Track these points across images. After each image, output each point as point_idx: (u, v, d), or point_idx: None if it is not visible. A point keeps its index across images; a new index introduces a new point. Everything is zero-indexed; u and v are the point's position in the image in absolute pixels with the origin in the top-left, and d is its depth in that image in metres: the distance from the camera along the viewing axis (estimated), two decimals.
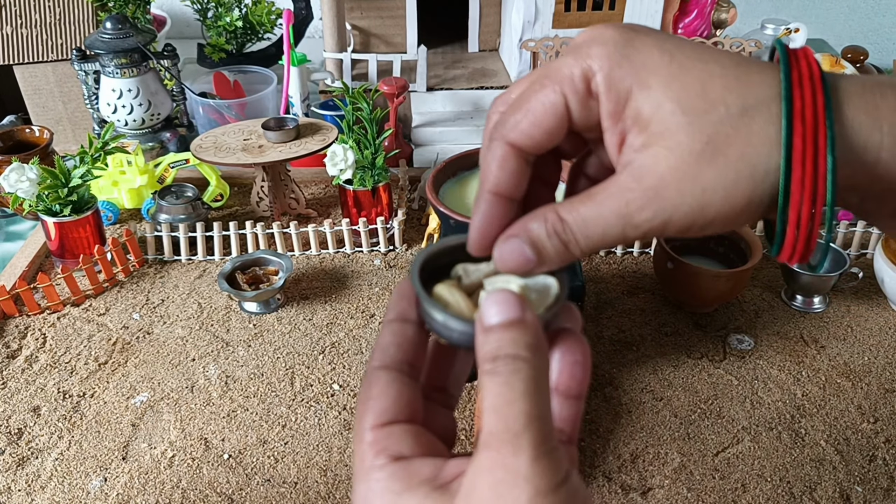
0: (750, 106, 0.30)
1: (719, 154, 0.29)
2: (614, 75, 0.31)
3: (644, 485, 0.71)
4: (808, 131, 0.29)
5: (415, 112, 1.27)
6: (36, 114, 1.27)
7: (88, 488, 0.71)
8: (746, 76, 0.30)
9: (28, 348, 0.88)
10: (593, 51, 0.31)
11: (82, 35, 1.25)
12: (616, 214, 0.31)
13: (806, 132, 0.29)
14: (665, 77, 0.30)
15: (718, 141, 0.29)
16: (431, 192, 0.73)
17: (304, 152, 1.02)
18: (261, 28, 1.51)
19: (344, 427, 0.77)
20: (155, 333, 0.90)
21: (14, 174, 0.90)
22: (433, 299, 0.33)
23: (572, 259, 0.33)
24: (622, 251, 1.02)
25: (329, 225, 1.02)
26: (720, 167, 0.29)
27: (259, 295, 0.90)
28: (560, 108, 0.32)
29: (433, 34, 1.41)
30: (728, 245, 0.93)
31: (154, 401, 0.81)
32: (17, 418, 0.79)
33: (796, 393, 0.81)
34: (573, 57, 0.32)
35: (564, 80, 0.32)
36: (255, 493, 0.71)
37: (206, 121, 1.28)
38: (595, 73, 0.31)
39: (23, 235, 1.12)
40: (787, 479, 0.72)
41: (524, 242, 0.33)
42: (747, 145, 0.29)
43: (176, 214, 1.04)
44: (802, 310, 0.92)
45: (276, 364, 0.85)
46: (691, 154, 0.30)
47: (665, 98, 0.30)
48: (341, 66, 1.33)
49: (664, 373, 0.83)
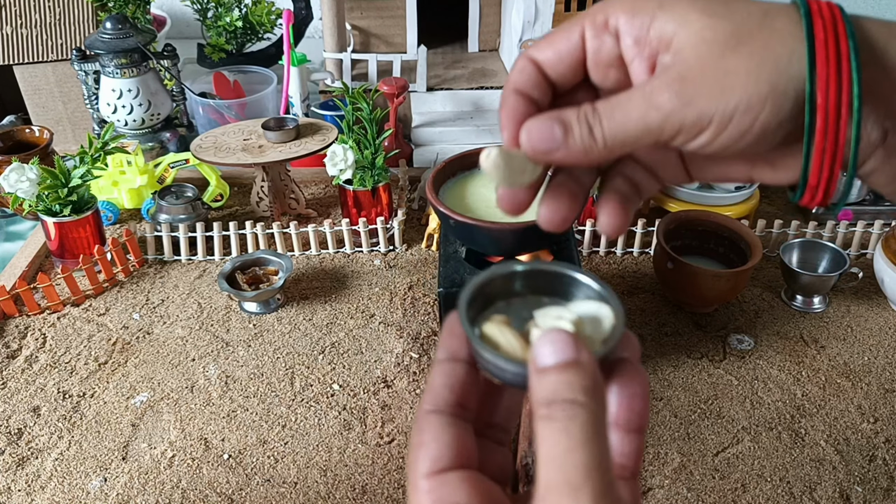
0: (771, 9, 0.31)
1: (743, 45, 0.30)
2: (637, 6, 0.32)
3: (644, 485, 0.71)
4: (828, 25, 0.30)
5: (415, 112, 1.27)
6: (36, 114, 1.27)
7: (88, 488, 0.71)
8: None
9: (28, 348, 0.88)
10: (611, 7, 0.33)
11: (82, 35, 1.25)
12: (641, 97, 0.32)
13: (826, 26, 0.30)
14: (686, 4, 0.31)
15: (742, 34, 0.30)
16: (431, 192, 0.73)
17: (304, 152, 1.02)
18: (261, 28, 1.51)
19: (344, 427, 0.77)
20: (155, 333, 0.90)
21: (14, 174, 0.90)
22: (483, 341, 0.32)
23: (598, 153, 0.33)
24: (622, 251, 1.02)
25: (329, 225, 1.02)
26: (744, 55, 0.30)
27: (259, 295, 0.90)
28: (575, 36, 0.34)
29: (433, 34, 1.41)
30: (728, 245, 0.93)
31: (154, 401, 0.81)
32: (17, 418, 0.79)
33: (796, 393, 0.81)
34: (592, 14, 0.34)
35: (585, 17, 0.34)
36: (255, 493, 0.71)
37: (206, 121, 1.28)
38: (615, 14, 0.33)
39: (23, 235, 1.12)
40: (787, 479, 0.72)
41: (554, 121, 0.33)
42: (770, 37, 0.30)
43: (176, 214, 1.04)
44: (802, 310, 0.92)
45: (276, 364, 0.85)
46: (716, 43, 0.30)
47: (690, 9, 0.31)
48: (341, 66, 1.33)
49: (664, 373, 0.83)
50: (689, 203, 1.04)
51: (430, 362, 0.85)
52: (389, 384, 0.82)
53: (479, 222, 0.69)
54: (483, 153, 0.34)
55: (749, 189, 1.03)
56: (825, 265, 0.94)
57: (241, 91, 1.35)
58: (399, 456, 0.74)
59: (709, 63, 0.30)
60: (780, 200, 1.15)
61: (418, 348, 0.87)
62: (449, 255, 0.79)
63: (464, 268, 0.77)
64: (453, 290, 0.75)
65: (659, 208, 1.07)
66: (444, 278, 0.76)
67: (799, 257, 0.94)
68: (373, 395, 0.81)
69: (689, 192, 1.03)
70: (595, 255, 1.03)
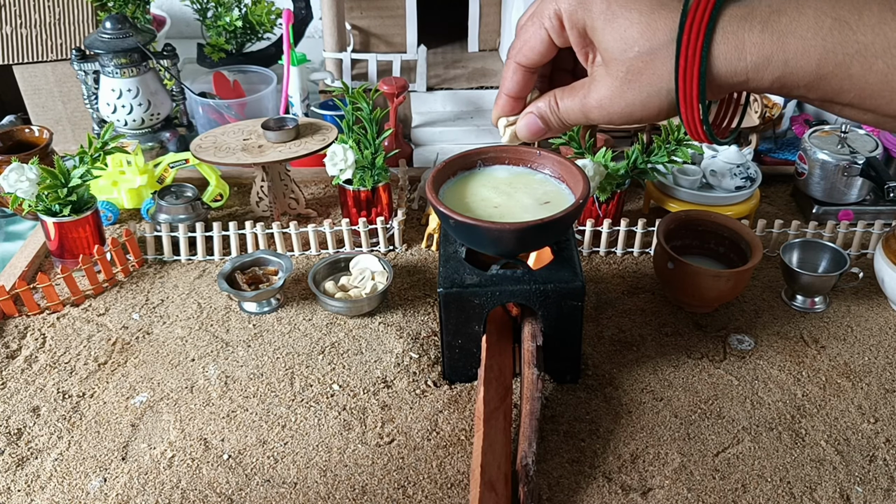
0: (654, 48, 0.44)
1: (635, 81, 0.46)
2: (574, 18, 0.47)
3: (644, 485, 0.71)
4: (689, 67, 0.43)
5: (415, 112, 1.27)
6: (36, 114, 1.27)
7: (88, 489, 0.71)
8: (655, 23, 0.44)
9: (28, 348, 0.88)
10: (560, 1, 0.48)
11: (82, 35, 1.25)
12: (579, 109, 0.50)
13: (688, 67, 0.43)
14: (603, 20, 0.46)
15: (634, 71, 0.45)
16: (431, 192, 0.73)
17: (304, 152, 1.02)
18: (260, 28, 1.51)
19: (344, 427, 0.77)
20: (154, 333, 0.90)
21: (14, 174, 0.90)
22: None
23: (565, 128, 0.53)
24: (622, 251, 1.02)
25: (329, 225, 1.02)
26: (636, 89, 0.46)
27: (259, 295, 0.90)
28: (545, 37, 0.49)
29: (433, 34, 1.41)
30: (728, 245, 0.93)
31: (153, 401, 0.81)
32: (16, 418, 0.79)
33: (796, 393, 0.81)
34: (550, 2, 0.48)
35: (545, 18, 0.48)
36: (255, 493, 0.71)
37: (206, 121, 1.28)
38: (562, 13, 0.48)
39: (22, 235, 1.12)
40: (787, 479, 0.71)
41: (537, 117, 0.53)
42: (653, 75, 0.45)
43: (176, 214, 1.04)
44: (802, 310, 0.92)
45: (275, 364, 0.85)
46: (617, 79, 0.46)
47: (604, 36, 0.46)
48: (341, 65, 1.33)
49: (664, 373, 0.83)
50: (689, 203, 1.04)
51: (430, 362, 0.85)
52: (389, 384, 0.82)
53: (479, 222, 0.69)
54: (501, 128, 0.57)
55: (749, 189, 1.03)
56: (825, 265, 0.93)
57: (240, 91, 1.35)
58: (399, 456, 0.74)
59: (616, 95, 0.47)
60: (781, 200, 1.15)
61: (418, 348, 0.87)
62: (449, 255, 0.79)
63: (464, 268, 0.77)
64: (453, 290, 0.75)
65: (659, 208, 1.07)
66: (444, 278, 0.76)
67: (799, 257, 0.94)
68: (373, 395, 0.81)
69: (689, 192, 1.03)
70: (595, 255, 1.03)
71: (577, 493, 0.70)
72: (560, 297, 0.75)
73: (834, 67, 0.41)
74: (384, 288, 0.91)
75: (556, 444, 0.75)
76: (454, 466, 0.73)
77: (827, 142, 1.06)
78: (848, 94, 0.42)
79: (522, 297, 0.75)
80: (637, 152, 0.99)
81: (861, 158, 1.03)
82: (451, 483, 0.71)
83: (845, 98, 0.42)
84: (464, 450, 0.74)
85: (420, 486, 0.71)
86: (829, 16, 0.41)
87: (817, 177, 1.06)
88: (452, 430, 0.77)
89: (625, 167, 0.99)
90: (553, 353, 0.79)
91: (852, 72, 0.41)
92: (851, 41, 0.40)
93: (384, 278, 0.94)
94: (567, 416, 0.78)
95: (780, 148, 1.25)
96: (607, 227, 1.01)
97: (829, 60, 0.41)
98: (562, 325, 0.77)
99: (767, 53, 0.42)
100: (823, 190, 1.07)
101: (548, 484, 0.71)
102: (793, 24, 0.41)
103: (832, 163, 1.04)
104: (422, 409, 0.79)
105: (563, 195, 0.75)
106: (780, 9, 0.42)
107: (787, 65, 0.42)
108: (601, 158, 0.98)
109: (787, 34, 0.42)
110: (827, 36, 0.41)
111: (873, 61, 0.40)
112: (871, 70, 0.40)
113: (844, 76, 0.41)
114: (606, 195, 1.01)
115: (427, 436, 0.76)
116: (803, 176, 1.08)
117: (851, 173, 1.04)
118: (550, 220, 0.68)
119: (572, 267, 0.76)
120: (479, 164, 0.79)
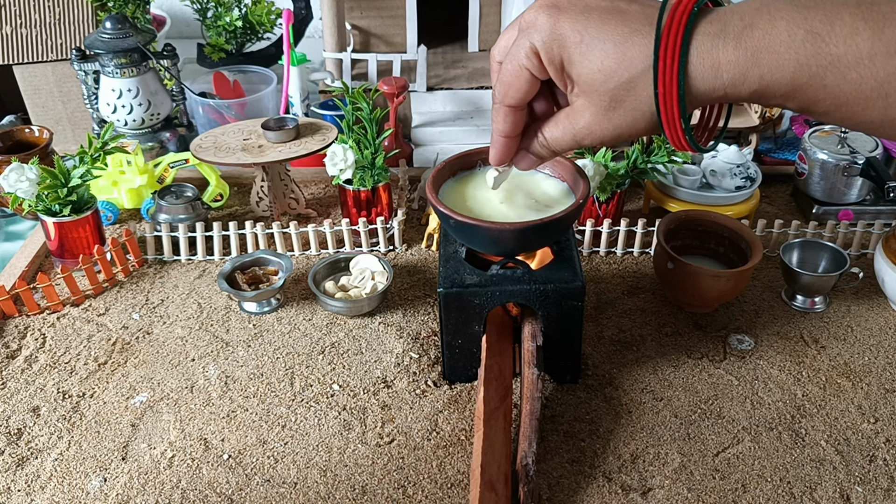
0: (633, 77, 0.46)
1: (619, 108, 0.48)
2: (550, 54, 0.49)
3: (644, 485, 0.71)
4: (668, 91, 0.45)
5: (415, 112, 1.27)
6: (36, 114, 1.27)
7: (88, 489, 0.71)
8: (630, 51, 0.46)
9: (28, 348, 0.88)
10: (534, 37, 0.49)
11: (82, 35, 1.25)
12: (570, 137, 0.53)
13: (667, 92, 0.45)
14: (579, 54, 0.47)
15: (617, 100, 0.48)
16: (431, 192, 0.73)
17: (304, 152, 1.02)
18: (260, 28, 1.51)
19: (344, 427, 0.77)
20: (154, 333, 0.90)
21: (14, 174, 0.90)
22: None
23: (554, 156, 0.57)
24: (622, 251, 1.02)
25: (329, 225, 1.02)
26: (621, 115, 0.48)
27: (259, 295, 0.90)
28: (528, 77, 0.51)
29: (433, 34, 1.41)
30: (728, 245, 0.93)
31: (154, 401, 0.81)
32: (16, 418, 0.79)
33: (796, 393, 0.81)
34: (524, 38, 0.49)
35: (523, 58, 0.50)
36: (255, 493, 0.71)
37: (206, 121, 1.28)
38: (539, 50, 0.49)
39: (22, 235, 1.12)
40: (787, 479, 0.71)
41: (529, 153, 0.57)
42: (636, 101, 0.47)
43: (176, 214, 1.04)
44: (803, 310, 0.92)
45: (275, 364, 0.85)
46: (601, 107, 0.49)
47: (581, 70, 0.48)
48: (341, 65, 1.33)
49: (664, 373, 0.83)
50: (689, 203, 1.04)
51: (430, 362, 0.85)
52: (389, 384, 0.82)
53: (479, 222, 0.69)
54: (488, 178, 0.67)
55: (749, 189, 1.03)
56: (825, 265, 0.93)
57: (240, 91, 1.35)
58: (399, 456, 0.74)
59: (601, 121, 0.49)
60: (781, 200, 1.15)
61: (418, 348, 0.87)
62: (449, 255, 0.79)
63: (464, 268, 0.77)
64: (453, 290, 0.75)
65: (659, 208, 1.07)
66: (444, 278, 0.76)
67: (799, 257, 0.94)
68: (373, 395, 0.81)
69: (689, 192, 1.03)
70: (595, 255, 1.03)
71: (577, 493, 0.70)
72: (560, 297, 0.75)
73: (808, 79, 0.42)
74: (384, 288, 0.91)
75: (556, 444, 0.75)
76: (454, 466, 0.73)
77: (827, 142, 1.06)
78: (823, 102, 0.42)
79: (522, 297, 0.75)
80: (637, 152, 0.99)
81: (861, 158, 1.03)
82: (451, 483, 0.71)
83: (821, 107, 0.43)
84: (464, 450, 0.74)
85: (420, 486, 0.71)
86: (802, 27, 0.41)
87: (817, 177, 1.06)
88: (452, 430, 0.77)
89: (625, 167, 0.99)
90: (553, 353, 0.79)
91: (826, 82, 0.41)
92: (824, 53, 0.41)
93: (384, 278, 0.94)
94: (567, 416, 0.78)
95: (780, 148, 1.25)
96: (607, 227, 1.01)
97: (803, 72, 0.41)
98: (562, 325, 0.77)
99: (743, 70, 0.43)
100: (823, 190, 1.07)
101: (548, 484, 0.71)
102: (766, 39, 0.42)
103: (832, 163, 1.04)
104: (422, 409, 0.79)
105: (564, 195, 0.75)
106: (752, 22, 0.42)
107: (763, 79, 0.43)
108: (601, 158, 0.98)
109: (761, 49, 0.42)
110: (800, 49, 0.41)
111: (846, 72, 0.41)
112: (845, 80, 0.41)
113: (819, 87, 0.42)
114: (606, 195, 1.01)
115: (427, 436, 0.76)
116: (803, 176, 1.08)
117: (851, 173, 1.04)
118: (550, 220, 0.68)
119: (572, 267, 0.76)
120: (479, 164, 0.79)
